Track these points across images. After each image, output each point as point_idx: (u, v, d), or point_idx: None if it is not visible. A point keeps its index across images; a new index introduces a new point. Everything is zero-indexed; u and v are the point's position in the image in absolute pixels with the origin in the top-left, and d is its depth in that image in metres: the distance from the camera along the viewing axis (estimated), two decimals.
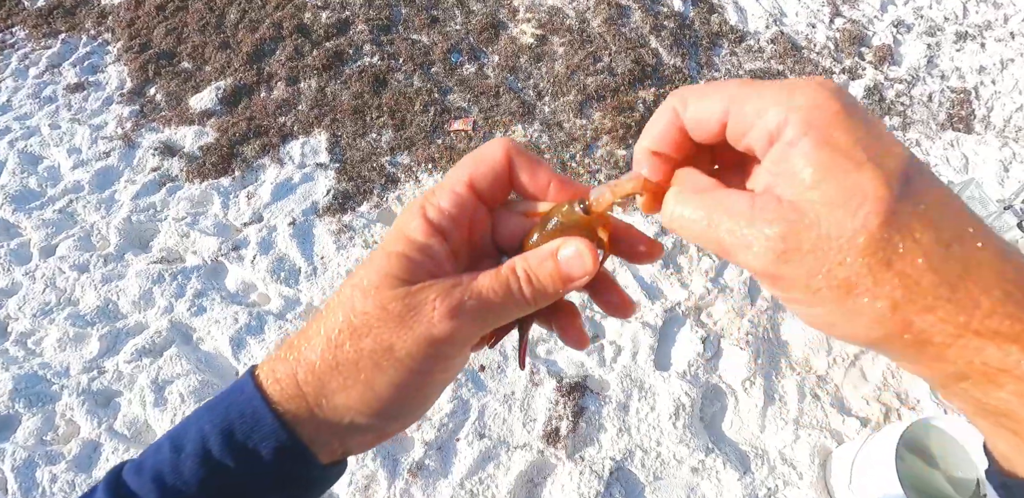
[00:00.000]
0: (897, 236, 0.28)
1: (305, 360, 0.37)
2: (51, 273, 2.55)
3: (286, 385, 0.38)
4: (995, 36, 3.58)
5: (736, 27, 3.76)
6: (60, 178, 3.01)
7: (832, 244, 0.28)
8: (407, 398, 0.38)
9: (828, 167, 0.29)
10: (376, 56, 3.66)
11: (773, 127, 0.30)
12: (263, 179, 3.02)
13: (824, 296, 0.29)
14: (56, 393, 2.16)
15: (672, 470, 1.99)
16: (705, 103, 0.34)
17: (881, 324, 0.29)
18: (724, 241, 0.31)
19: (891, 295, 0.28)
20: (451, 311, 0.35)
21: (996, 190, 2.78)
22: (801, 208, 0.29)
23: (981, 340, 0.27)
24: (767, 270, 0.30)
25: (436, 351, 0.36)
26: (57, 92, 3.44)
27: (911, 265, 0.27)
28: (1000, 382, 0.28)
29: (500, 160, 0.39)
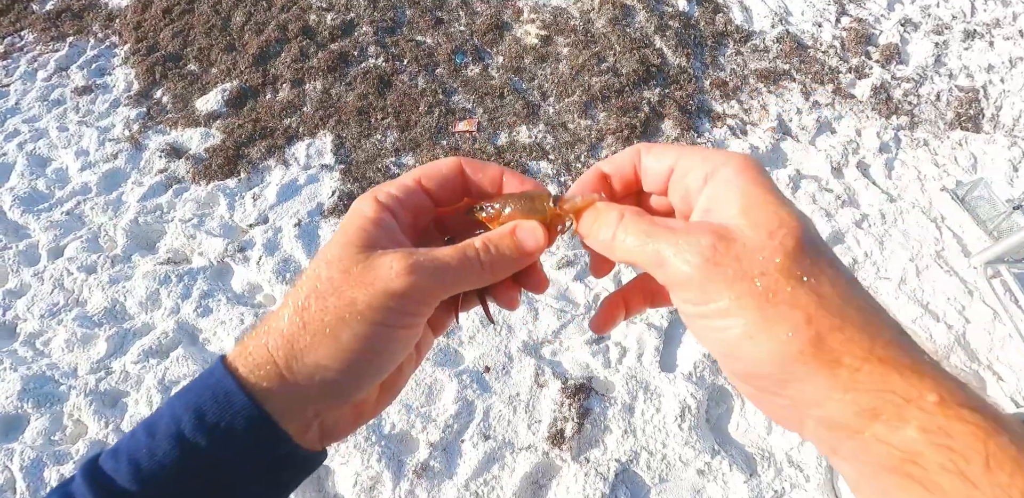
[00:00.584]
0: (809, 259, 0.32)
1: (274, 330, 0.39)
2: (59, 274, 2.57)
3: (256, 355, 0.39)
4: (1004, 34, 3.55)
5: (741, 26, 3.74)
6: (68, 180, 3.03)
7: (755, 257, 0.32)
8: (372, 352, 0.39)
9: (756, 199, 0.35)
10: (381, 58, 3.66)
11: (711, 169, 0.37)
12: (269, 180, 3.03)
13: (745, 303, 0.32)
14: (64, 393, 2.17)
15: (678, 472, 1.98)
16: (661, 154, 0.41)
17: (796, 336, 0.31)
18: (661, 252, 0.35)
19: (807, 308, 0.31)
20: (408, 268, 0.38)
21: (1005, 190, 2.76)
22: (730, 227, 0.34)
23: (885, 367, 0.29)
24: (696, 272, 0.33)
25: (395, 304, 0.38)
26: (65, 95, 3.46)
27: (824, 285, 0.32)
28: (908, 416, 0.29)
29: (449, 164, 0.45)
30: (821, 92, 3.34)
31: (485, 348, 2.31)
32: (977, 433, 0.28)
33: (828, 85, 3.36)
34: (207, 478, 0.38)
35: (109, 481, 0.37)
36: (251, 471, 0.39)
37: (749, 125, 3.19)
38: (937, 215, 2.69)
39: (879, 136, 3.06)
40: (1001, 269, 2.30)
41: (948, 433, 0.28)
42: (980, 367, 2.20)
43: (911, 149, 3.02)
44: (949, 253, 2.54)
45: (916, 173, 2.89)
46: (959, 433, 0.28)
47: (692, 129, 3.19)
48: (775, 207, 0.34)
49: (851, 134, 3.09)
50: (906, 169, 2.92)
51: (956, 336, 2.28)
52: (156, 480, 0.37)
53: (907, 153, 3.01)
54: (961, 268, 2.47)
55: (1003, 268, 2.31)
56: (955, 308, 2.36)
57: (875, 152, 3.00)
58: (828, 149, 3.02)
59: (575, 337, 2.33)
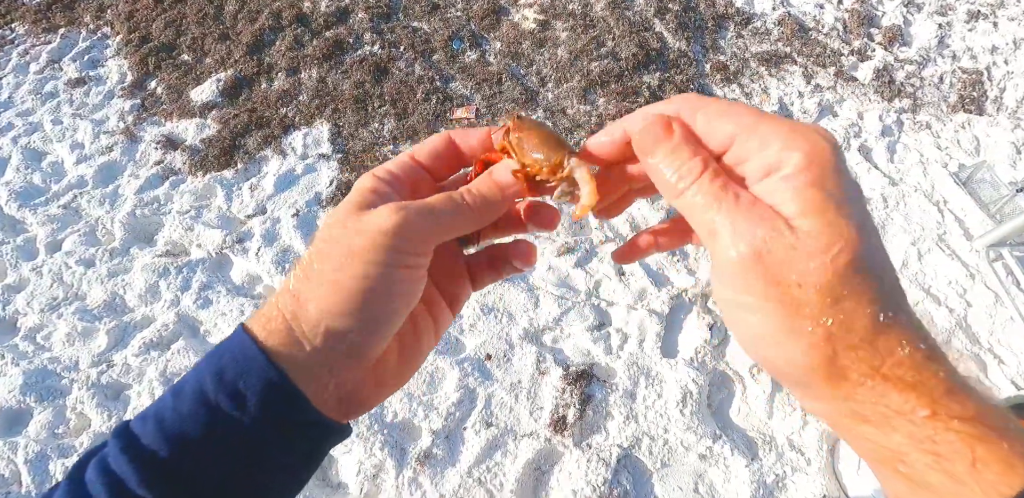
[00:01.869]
0: (855, 280, 0.31)
1: (283, 290, 0.41)
2: (58, 268, 2.56)
3: (267, 314, 0.40)
4: (1008, 15, 3.50)
5: (742, 9, 3.69)
6: (64, 173, 3.01)
7: (801, 266, 0.32)
8: (372, 293, 0.39)
9: (816, 204, 0.32)
10: (377, 45, 3.62)
11: (773, 161, 0.34)
12: (266, 171, 3.02)
13: (773, 307, 0.32)
14: (66, 387, 2.17)
15: (680, 457, 1.98)
16: (718, 124, 0.37)
17: (813, 350, 0.32)
18: (717, 227, 0.34)
19: (828, 327, 0.31)
20: (397, 207, 0.40)
21: (1008, 172, 2.74)
22: (794, 223, 0.32)
23: (886, 384, 0.31)
24: (740, 262, 0.33)
25: (389, 241, 0.39)
26: (58, 87, 3.43)
27: (856, 306, 0.31)
28: (896, 425, 0.31)
29: (439, 137, 0.47)
30: (823, 75, 3.30)
31: (486, 336, 2.31)
32: (966, 439, 0.30)
33: (830, 68, 3.32)
34: (231, 441, 0.38)
35: (136, 440, 0.37)
36: (270, 435, 0.39)
37: None
38: (939, 198, 2.67)
39: (881, 119, 3.03)
40: (1003, 252, 2.29)
41: (934, 440, 0.30)
42: (981, 350, 2.20)
43: (913, 132, 2.99)
44: (951, 237, 2.52)
45: (919, 156, 2.86)
46: (945, 440, 0.30)
47: None
48: (837, 217, 0.32)
49: (853, 117, 3.06)
50: (908, 152, 2.90)
51: (958, 320, 2.27)
52: (182, 440, 0.37)
53: (909, 136, 2.98)
54: (963, 251, 2.46)
55: (1005, 251, 2.29)
56: (956, 292, 2.35)
57: (877, 136, 2.97)
58: None
59: (576, 324, 2.33)
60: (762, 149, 0.34)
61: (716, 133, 0.37)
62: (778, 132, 0.34)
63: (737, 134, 0.35)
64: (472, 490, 1.93)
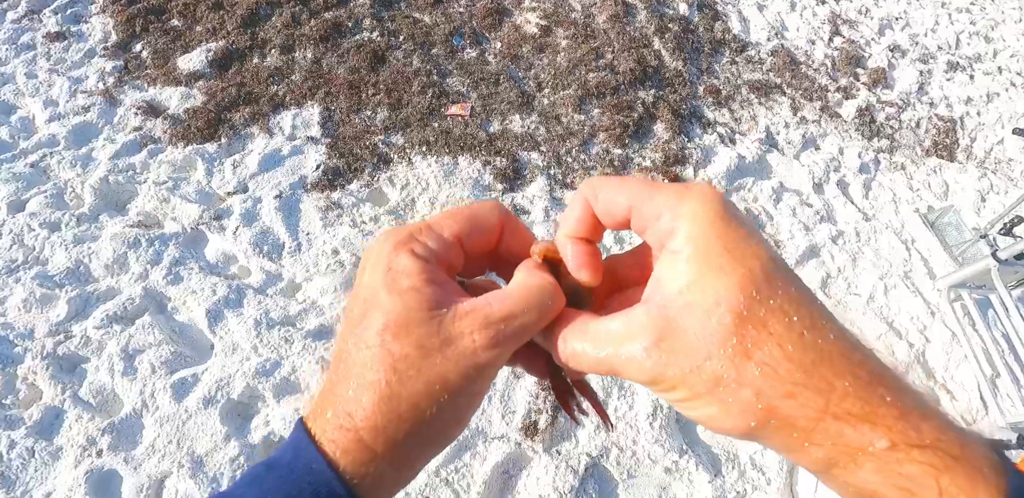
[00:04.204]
0: (752, 331, 0.31)
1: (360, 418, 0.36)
2: (19, 229, 2.43)
3: (353, 451, 0.36)
4: (984, 69, 3.70)
5: (739, 36, 3.79)
6: (34, 131, 2.85)
7: (698, 343, 0.31)
8: (468, 417, 0.38)
9: (698, 275, 0.32)
10: (376, 32, 3.57)
11: (662, 234, 0.35)
12: (251, 148, 2.93)
13: (699, 391, 0.32)
14: (19, 355, 2.06)
15: (646, 469, 2.02)
16: (612, 197, 0.37)
17: (751, 411, 0.31)
18: (612, 362, 0.34)
19: (754, 383, 0.30)
20: (491, 341, 0.36)
21: (973, 218, 2.89)
22: (671, 315, 0.32)
23: (839, 423, 0.30)
24: (651, 376, 0.33)
25: (485, 373, 0.36)
26: (36, 39, 3.26)
27: (768, 355, 0.30)
28: (861, 462, 0.30)
29: (494, 225, 0.41)
30: (809, 108, 3.41)
31: None
32: (930, 471, 0.29)
33: (816, 102, 3.44)
34: None
35: None
36: None
37: (738, 134, 3.25)
38: (908, 237, 2.80)
39: (860, 156, 3.16)
40: (963, 294, 2.41)
41: (900, 474, 0.29)
42: (936, 385, 2.31)
43: (889, 172, 3.13)
44: (916, 274, 2.65)
45: (892, 195, 3.00)
46: (911, 473, 0.29)
47: (683, 133, 3.22)
48: (717, 281, 0.32)
49: (834, 152, 3.18)
50: (883, 190, 3.03)
51: (916, 354, 2.38)
52: None
53: (885, 175, 3.11)
54: (926, 289, 2.58)
55: (965, 293, 2.42)
56: (917, 327, 2.46)
57: (855, 172, 3.10)
58: (811, 165, 3.10)
59: None
60: (655, 220, 0.35)
61: (613, 207, 0.37)
62: (666, 202, 0.35)
63: (632, 205, 0.36)
64: (439, 490, 1.92)
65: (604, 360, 0.34)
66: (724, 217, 0.33)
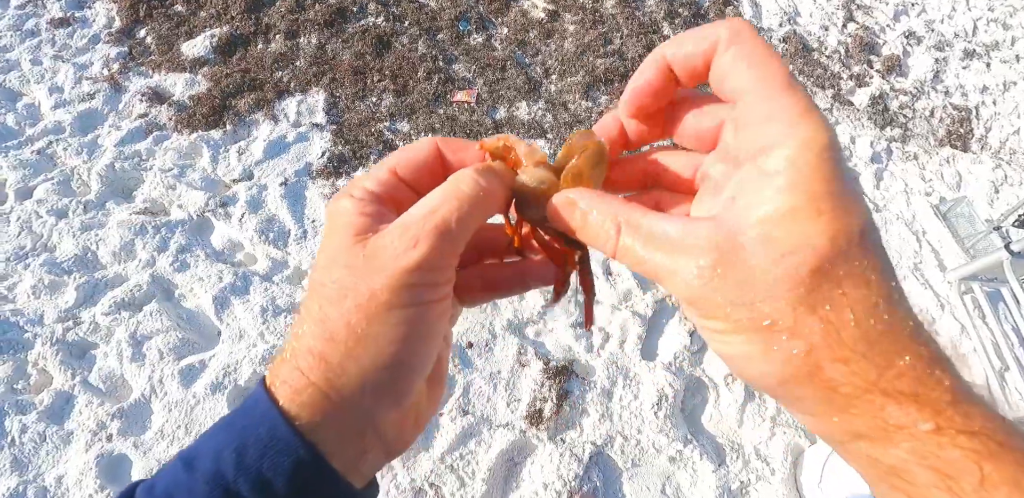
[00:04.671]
0: (826, 286, 0.29)
1: (301, 350, 0.36)
2: (27, 216, 2.43)
3: (292, 381, 0.35)
4: (1001, 57, 3.63)
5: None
6: (40, 117, 2.85)
7: (762, 280, 0.29)
8: (417, 338, 0.35)
9: (790, 211, 0.29)
10: (381, 16, 3.53)
11: (767, 143, 0.31)
12: (256, 135, 2.92)
13: (743, 326, 0.30)
14: (29, 341, 2.08)
15: (650, 458, 2.02)
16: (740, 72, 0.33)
17: (794, 364, 0.29)
18: (659, 270, 0.32)
19: (809, 338, 0.29)
20: (410, 236, 0.34)
21: (985, 210, 2.85)
22: (739, 242, 0.30)
23: (885, 399, 0.28)
24: (695, 296, 0.31)
25: (417, 278, 0.34)
26: (40, 25, 3.24)
27: (835, 315, 0.29)
28: (896, 440, 0.29)
29: (425, 148, 0.40)
30: (821, 96, 3.36)
31: (469, 324, 2.30)
32: (971, 456, 0.28)
33: (828, 90, 3.39)
34: None
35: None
36: None
37: None
38: (919, 229, 2.77)
39: (872, 146, 3.12)
40: (974, 286, 2.39)
41: (938, 456, 0.28)
42: None
43: (901, 162, 3.09)
44: (926, 266, 2.62)
45: (903, 186, 2.96)
46: (950, 457, 0.28)
47: None
48: (809, 219, 0.29)
49: (845, 141, 3.14)
50: (894, 181, 2.99)
51: None
52: None
53: (897, 165, 3.07)
54: (936, 282, 2.56)
55: (975, 286, 2.40)
56: (926, 320, 2.44)
57: (867, 161, 3.06)
58: None
59: (560, 319, 2.34)
60: (763, 123, 0.31)
61: (731, 81, 0.33)
62: (787, 112, 0.30)
63: (748, 92, 0.32)
64: (444, 476, 1.93)
65: (649, 264, 0.33)
66: (839, 161, 0.30)
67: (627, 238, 0.34)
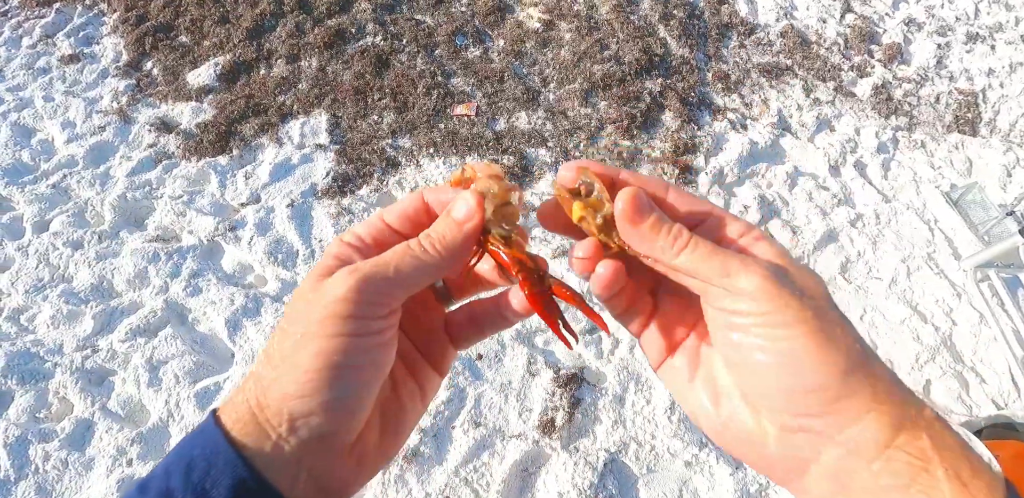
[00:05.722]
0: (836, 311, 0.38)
1: (251, 374, 0.39)
2: (44, 249, 2.51)
3: (236, 402, 0.38)
4: (1006, 38, 3.56)
5: (746, 19, 3.71)
6: (54, 152, 2.95)
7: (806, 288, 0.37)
8: (338, 371, 0.36)
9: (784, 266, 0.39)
10: (379, 36, 3.59)
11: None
12: (261, 159, 2.98)
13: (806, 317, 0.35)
14: (49, 370, 2.14)
15: (666, 463, 2.00)
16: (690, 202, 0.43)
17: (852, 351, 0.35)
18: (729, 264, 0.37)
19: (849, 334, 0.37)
20: (351, 270, 0.38)
21: (998, 195, 2.79)
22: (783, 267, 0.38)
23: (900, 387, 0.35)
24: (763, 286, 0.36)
25: (344, 309, 0.36)
26: (51, 63, 3.36)
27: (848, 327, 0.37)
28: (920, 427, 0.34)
29: (412, 198, 0.44)
30: (822, 89, 3.33)
31: None
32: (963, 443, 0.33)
33: (830, 82, 3.36)
34: None
35: None
36: None
37: (749, 120, 3.18)
38: (930, 217, 2.72)
39: (877, 136, 3.07)
40: (990, 273, 2.33)
41: (944, 440, 0.33)
42: (964, 369, 2.24)
43: (908, 150, 3.04)
44: (940, 255, 2.57)
45: (912, 174, 2.91)
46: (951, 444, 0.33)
47: (692, 121, 3.17)
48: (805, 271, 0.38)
49: (850, 133, 3.10)
50: (902, 170, 2.94)
51: (943, 338, 2.31)
52: None
53: (904, 154, 3.02)
54: (951, 271, 2.50)
55: (992, 272, 2.34)
56: (943, 310, 2.39)
57: (873, 152, 3.01)
58: (826, 147, 3.03)
59: None
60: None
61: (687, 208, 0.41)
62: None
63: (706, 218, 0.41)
64: (458, 489, 1.93)
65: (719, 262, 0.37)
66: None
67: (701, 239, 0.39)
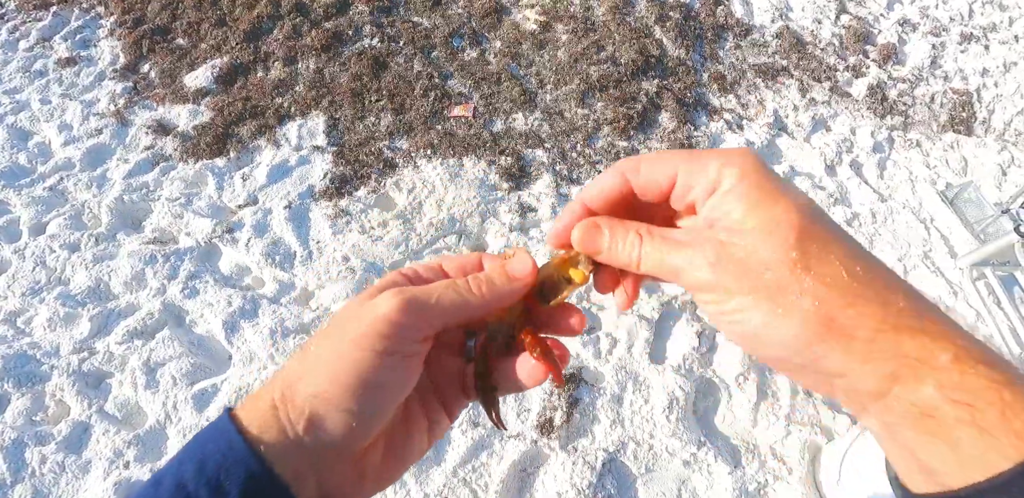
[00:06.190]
0: (813, 246, 0.34)
1: (277, 375, 0.41)
2: (41, 252, 2.51)
3: (258, 396, 0.40)
4: (999, 38, 3.58)
5: (742, 20, 3.73)
6: (51, 155, 2.94)
7: (758, 256, 0.35)
8: (365, 381, 0.39)
9: (755, 203, 0.36)
10: (376, 38, 3.60)
11: (714, 178, 0.38)
12: (259, 161, 2.98)
13: (759, 297, 0.34)
14: (46, 373, 2.13)
15: (664, 463, 2.00)
16: (658, 167, 0.41)
17: (809, 321, 0.33)
18: (676, 265, 0.39)
19: (815, 292, 0.33)
20: (398, 292, 0.41)
21: (994, 193, 2.80)
22: (731, 239, 0.36)
23: (898, 334, 0.31)
24: (707, 280, 0.37)
25: (385, 328, 0.39)
26: (48, 66, 3.36)
27: (828, 268, 0.34)
28: (923, 376, 0.31)
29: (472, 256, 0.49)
30: (818, 89, 3.34)
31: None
32: (992, 386, 0.29)
33: (825, 83, 3.37)
34: None
35: None
36: None
37: (746, 120, 3.19)
38: (926, 216, 2.73)
39: (873, 135, 3.08)
40: (986, 271, 2.34)
41: (963, 388, 0.29)
42: None
43: (904, 150, 3.05)
44: (936, 254, 2.57)
45: (908, 174, 2.92)
46: (974, 387, 0.29)
47: (689, 122, 3.18)
48: (772, 205, 0.36)
49: (846, 132, 3.11)
50: (898, 169, 2.95)
51: None
52: None
53: (900, 154, 3.03)
54: (947, 269, 2.51)
55: (988, 270, 2.35)
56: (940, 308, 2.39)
57: (868, 151, 3.02)
58: (822, 147, 3.04)
59: None
60: (703, 173, 0.39)
61: (657, 174, 0.41)
62: (714, 157, 0.39)
63: (678, 167, 0.40)
64: (457, 490, 1.93)
65: (668, 264, 0.39)
66: (766, 165, 0.38)
67: (648, 245, 0.41)
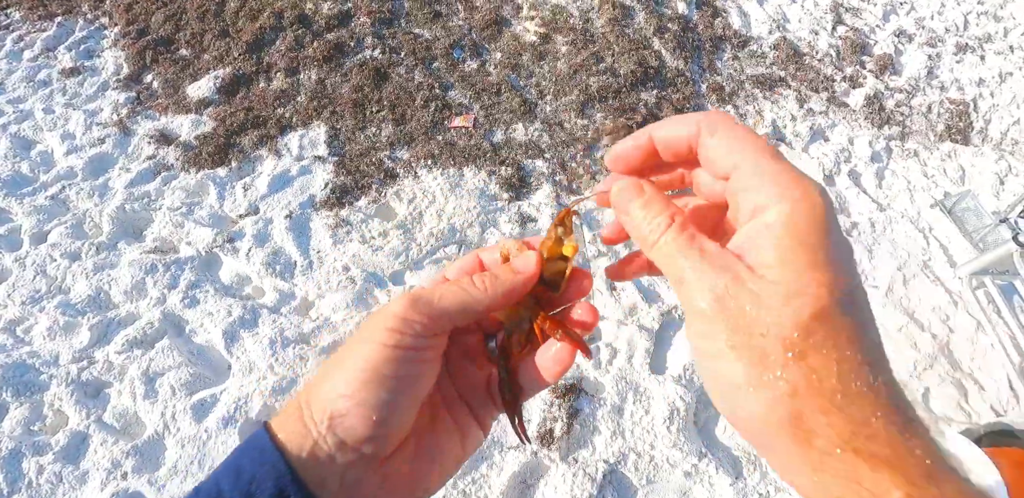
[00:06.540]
0: (820, 334, 0.30)
1: (306, 384, 0.43)
2: (42, 260, 2.51)
3: (289, 403, 0.42)
4: (995, 49, 3.61)
5: (739, 31, 3.76)
6: (53, 164, 2.96)
7: (764, 315, 0.31)
8: (377, 375, 0.39)
9: (789, 255, 0.32)
10: (377, 49, 3.62)
11: (762, 203, 0.34)
12: (260, 171, 2.99)
13: (738, 355, 0.31)
14: (45, 382, 2.12)
15: (665, 474, 1.99)
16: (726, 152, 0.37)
17: (777, 405, 0.30)
18: (684, 275, 0.35)
19: (794, 381, 0.30)
20: (404, 294, 0.43)
21: (992, 202, 2.81)
22: (755, 275, 0.32)
23: (858, 459, 0.29)
24: (705, 309, 0.33)
25: (395, 323, 0.40)
26: (52, 76, 3.38)
27: (822, 364, 0.30)
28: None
29: (468, 256, 0.51)
30: (815, 100, 3.37)
31: None
32: None
33: (823, 93, 3.39)
34: None
35: None
36: None
37: None
38: (925, 225, 2.74)
39: (871, 145, 3.10)
40: (986, 280, 2.34)
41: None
42: (962, 376, 2.24)
43: (902, 159, 3.07)
44: (936, 263, 2.58)
45: (906, 183, 2.93)
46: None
47: None
48: (807, 268, 0.31)
49: (844, 142, 3.13)
50: (896, 179, 2.96)
51: (940, 345, 2.32)
52: None
53: (898, 163, 3.05)
54: (947, 278, 2.51)
55: (987, 279, 2.35)
56: (940, 318, 2.39)
57: (866, 161, 3.04)
58: (821, 157, 3.06)
59: None
60: (758, 189, 0.34)
61: (722, 160, 0.37)
62: (777, 177, 0.34)
63: (740, 166, 0.35)
64: None
65: (677, 266, 0.35)
66: (832, 218, 0.33)
67: (671, 234, 0.36)
